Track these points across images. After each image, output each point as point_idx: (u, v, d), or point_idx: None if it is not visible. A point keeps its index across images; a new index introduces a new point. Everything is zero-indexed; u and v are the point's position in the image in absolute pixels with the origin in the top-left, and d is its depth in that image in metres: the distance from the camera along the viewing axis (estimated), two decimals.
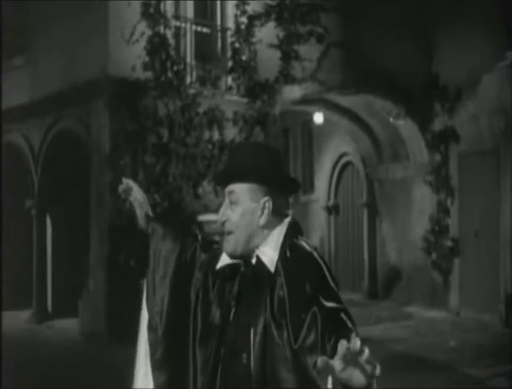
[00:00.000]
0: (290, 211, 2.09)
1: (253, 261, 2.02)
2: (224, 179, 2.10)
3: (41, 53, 11.72)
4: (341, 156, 14.95)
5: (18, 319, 11.58)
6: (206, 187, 10.59)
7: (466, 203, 11.87)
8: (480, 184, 11.44)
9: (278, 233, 2.01)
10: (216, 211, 8.90)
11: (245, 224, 2.01)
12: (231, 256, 2.07)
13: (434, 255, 12.34)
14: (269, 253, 1.99)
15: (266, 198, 2.01)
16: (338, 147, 14.89)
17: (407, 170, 13.24)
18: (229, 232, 2.04)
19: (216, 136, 10.81)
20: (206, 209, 10.47)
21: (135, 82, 10.02)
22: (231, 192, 2.05)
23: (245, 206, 2.02)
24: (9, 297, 11.57)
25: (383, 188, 13.87)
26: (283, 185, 2.08)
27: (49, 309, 11.91)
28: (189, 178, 10.48)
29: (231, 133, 10.93)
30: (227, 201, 2.07)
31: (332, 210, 15.00)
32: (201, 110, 10.66)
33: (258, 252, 2.01)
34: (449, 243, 12.07)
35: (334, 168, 15.08)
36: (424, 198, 12.74)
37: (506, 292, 10.76)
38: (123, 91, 9.98)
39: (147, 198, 2.50)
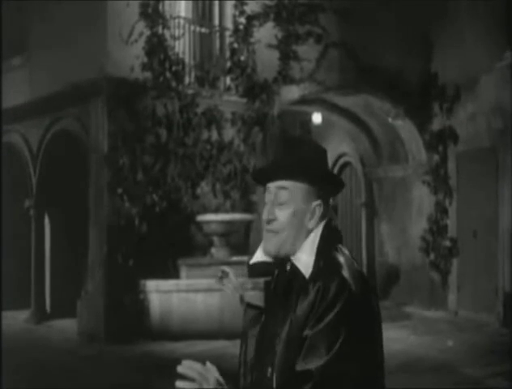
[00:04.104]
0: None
1: (288, 267, 1.92)
2: (275, 173, 1.93)
3: (40, 53, 11.72)
4: (340, 157, 14.96)
5: (16, 319, 11.58)
6: (204, 187, 10.60)
7: (464, 203, 11.88)
8: (479, 184, 11.46)
9: (313, 237, 1.89)
10: (215, 211, 8.92)
11: (294, 225, 1.88)
12: (270, 256, 1.94)
13: (432, 255, 12.35)
14: (303, 258, 1.86)
15: (319, 201, 1.89)
16: (336, 148, 14.89)
17: (405, 170, 13.26)
18: (274, 232, 1.90)
19: (215, 136, 10.82)
20: (205, 209, 10.48)
21: (134, 82, 10.03)
22: (282, 188, 1.89)
23: (296, 206, 1.88)
24: (7, 297, 11.56)
25: (382, 188, 13.88)
26: (333, 189, 1.97)
27: (48, 309, 11.91)
28: (188, 178, 10.48)
29: (229, 133, 10.94)
30: (272, 198, 1.91)
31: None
32: (199, 110, 10.66)
33: (293, 258, 1.89)
34: (447, 243, 12.09)
35: (332, 168, 15.09)
36: (422, 199, 12.75)
37: (504, 291, 10.78)
38: (122, 92, 9.99)
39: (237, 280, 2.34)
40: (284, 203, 1.89)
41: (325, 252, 1.85)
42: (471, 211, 11.67)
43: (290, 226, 1.89)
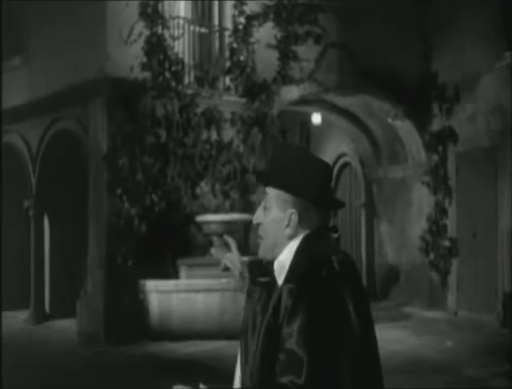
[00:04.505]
0: (323, 223, 1.96)
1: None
2: (259, 177, 2.07)
3: (39, 54, 11.71)
4: (339, 157, 14.96)
5: (16, 319, 11.57)
6: (204, 188, 10.59)
7: (463, 204, 11.88)
8: (478, 184, 11.45)
9: (292, 245, 1.93)
10: (214, 211, 8.90)
11: (273, 231, 1.95)
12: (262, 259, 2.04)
13: (432, 255, 12.35)
14: (281, 264, 1.92)
15: (293, 210, 1.91)
16: (336, 148, 14.90)
17: (405, 171, 13.26)
18: (261, 237, 2.00)
19: (214, 136, 10.81)
20: (205, 209, 10.48)
21: (133, 82, 10.02)
22: (266, 193, 1.99)
23: (274, 213, 1.95)
24: (7, 297, 11.56)
25: (381, 189, 13.88)
26: (318, 201, 1.95)
27: (47, 309, 11.90)
28: (188, 179, 10.47)
29: (229, 133, 10.94)
30: (263, 203, 2.00)
31: (330, 210, 14.97)
32: (199, 111, 10.66)
33: (275, 262, 1.96)
34: (447, 243, 12.09)
35: (332, 168, 15.06)
36: (422, 199, 12.75)
37: (504, 292, 10.77)
38: (121, 92, 9.98)
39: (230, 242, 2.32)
40: (268, 209, 1.96)
41: (300, 261, 1.88)
42: (470, 211, 11.67)
43: (271, 232, 1.96)
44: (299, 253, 1.90)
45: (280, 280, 1.88)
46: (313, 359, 1.69)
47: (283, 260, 1.92)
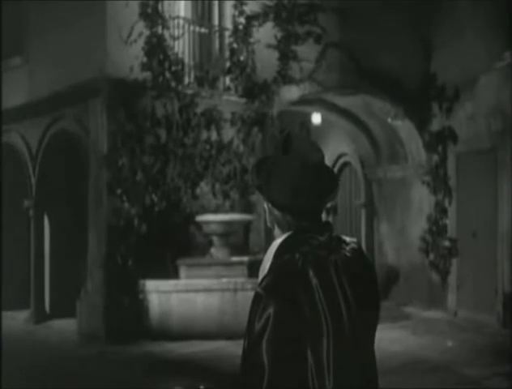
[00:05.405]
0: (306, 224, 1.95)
1: None
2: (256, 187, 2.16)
3: (39, 54, 11.72)
4: (339, 157, 14.96)
5: (16, 319, 11.57)
6: (204, 188, 10.59)
7: (464, 204, 11.88)
8: (478, 184, 11.45)
9: (273, 246, 1.95)
10: (214, 211, 8.90)
11: (275, 234, 2.04)
12: None
13: (432, 255, 12.35)
14: (263, 265, 1.95)
15: (276, 212, 1.97)
16: (336, 148, 14.90)
17: (405, 171, 13.25)
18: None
19: (214, 137, 10.81)
20: (205, 209, 10.48)
21: (133, 82, 10.02)
22: None
23: (267, 216, 2.06)
24: (7, 297, 11.56)
25: (381, 188, 13.88)
26: (280, 208, 1.96)
27: (47, 309, 11.90)
28: (188, 179, 10.48)
29: (229, 133, 10.94)
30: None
31: (330, 210, 15.01)
32: (199, 111, 10.66)
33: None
34: (446, 243, 12.09)
35: (332, 168, 15.05)
36: (422, 199, 12.75)
37: (504, 292, 10.78)
38: (121, 92, 9.99)
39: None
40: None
41: (272, 265, 1.89)
42: (470, 211, 11.66)
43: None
44: (275, 256, 1.91)
45: (259, 281, 1.90)
46: (274, 369, 1.73)
47: (265, 262, 1.94)
